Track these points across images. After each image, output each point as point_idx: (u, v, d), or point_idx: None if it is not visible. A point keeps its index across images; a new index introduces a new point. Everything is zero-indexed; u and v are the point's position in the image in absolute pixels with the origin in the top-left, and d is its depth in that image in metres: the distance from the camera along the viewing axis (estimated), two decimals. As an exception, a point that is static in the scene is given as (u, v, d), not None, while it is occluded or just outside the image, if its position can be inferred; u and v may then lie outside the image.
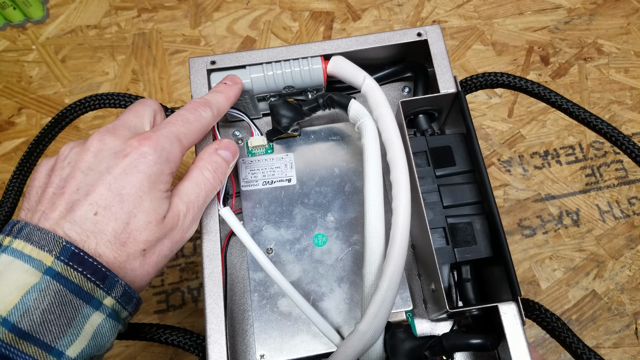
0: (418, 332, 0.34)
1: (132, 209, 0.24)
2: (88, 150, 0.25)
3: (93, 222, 0.23)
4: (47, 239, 0.23)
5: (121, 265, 0.24)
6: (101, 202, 0.24)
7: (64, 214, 0.24)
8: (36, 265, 0.22)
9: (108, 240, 0.24)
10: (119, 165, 0.25)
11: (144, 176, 0.25)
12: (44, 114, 0.83)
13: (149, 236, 0.25)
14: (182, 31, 0.89)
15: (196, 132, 0.28)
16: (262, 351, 0.31)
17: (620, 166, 0.78)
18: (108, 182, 0.24)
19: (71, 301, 0.22)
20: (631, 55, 0.85)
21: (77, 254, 0.22)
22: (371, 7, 0.90)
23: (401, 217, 0.29)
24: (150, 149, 0.25)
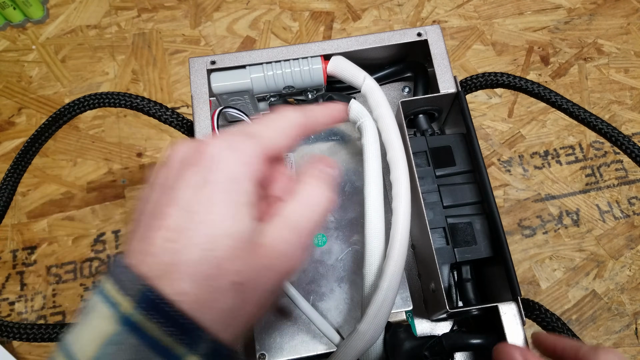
0: (418, 332, 0.34)
1: (210, 231, 0.19)
2: (164, 166, 0.22)
3: (170, 252, 0.19)
4: (129, 278, 0.19)
5: (209, 304, 0.19)
6: (172, 225, 0.20)
7: (143, 244, 0.20)
8: (114, 311, 0.19)
9: (188, 273, 0.19)
10: (185, 178, 0.20)
11: (216, 187, 0.20)
12: (43, 114, 0.83)
13: (239, 265, 0.20)
14: (182, 31, 0.89)
15: (275, 131, 0.23)
16: (262, 351, 0.31)
17: (620, 166, 0.78)
18: (176, 201, 0.20)
19: (151, 357, 0.18)
20: (631, 55, 0.85)
21: (153, 301, 0.19)
22: (371, 7, 0.90)
23: (401, 217, 0.29)
24: (216, 150, 0.21)
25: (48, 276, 0.75)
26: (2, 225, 0.77)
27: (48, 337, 0.35)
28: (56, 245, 0.76)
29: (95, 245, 0.76)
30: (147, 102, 0.38)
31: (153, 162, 0.81)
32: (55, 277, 0.75)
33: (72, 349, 0.19)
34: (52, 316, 0.73)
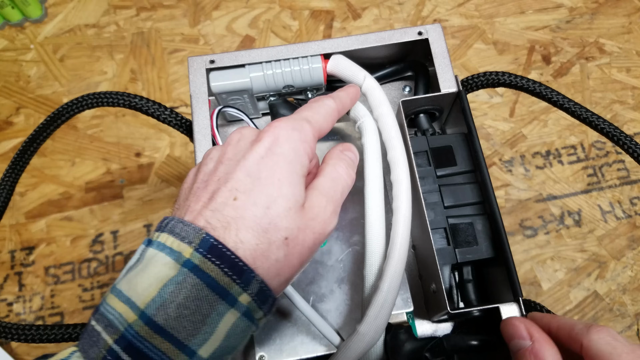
0: (419, 334, 0.34)
1: (271, 192, 0.23)
2: (228, 144, 0.26)
3: (233, 208, 0.23)
4: (188, 231, 0.22)
5: (265, 254, 0.22)
6: (240, 187, 0.23)
7: (206, 203, 0.23)
8: (175, 258, 0.21)
9: (249, 226, 0.22)
10: (254, 150, 0.24)
11: (280, 158, 0.24)
12: (42, 114, 0.82)
13: (290, 223, 0.23)
14: (181, 30, 0.88)
15: (323, 116, 0.27)
16: (261, 352, 0.30)
17: (622, 166, 0.78)
18: (246, 168, 0.24)
19: (207, 296, 0.21)
20: (633, 55, 0.85)
21: (215, 246, 0.21)
22: (371, 5, 0.90)
23: (402, 218, 0.29)
24: (282, 131, 0.25)
25: (46, 277, 0.74)
26: (0, 226, 0.77)
27: (46, 338, 0.35)
28: (54, 246, 0.76)
29: (94, 246, 0.76)
30: (146, 101, 0.38)
31: (151, 162, 0.80)
32: (53, 278, 0.74)
33: (128, 294, 0.21)
34: (50, 317, 0.73)
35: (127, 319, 0.21)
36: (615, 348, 0.23)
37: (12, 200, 0.74)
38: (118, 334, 0.20)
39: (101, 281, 0.75)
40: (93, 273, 0.75)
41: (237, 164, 0.24)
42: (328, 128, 0.28)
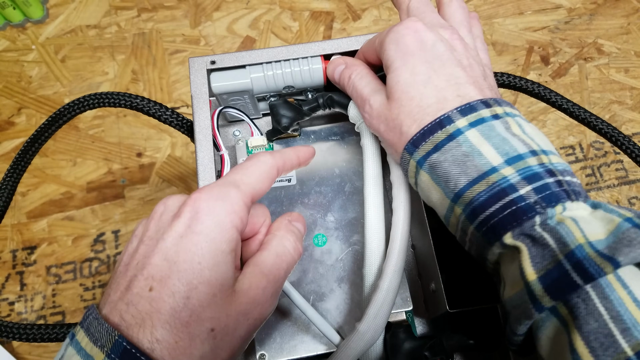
0: (418, 332, 0.34)
1: (191, 279, 0.20)
2: (152, 219, 0.23)
3: (148, 300, 0.20)
4: (101, 331, 0.20)
5: (187, 351, 0.20)
6: (156, 274, 0.20)
7: (122, 293, 0.21)
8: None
9: (166, 320, 0.20)
10: (173, 228, 0.21)
11: (201, 237, 0.21)
12: (43, 114, 0.83)
13: (215, 312, 0.20)
14: (182, 31, 0.89)
15: (255, 177, 0.24)
16: (261, 351, 0.31)
17: (621, 166, 0.78)
18: (163, 251, 0.21)
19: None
20: (631, 55, 0.85)
21: (128, 350, 0.19)
22: (371, 6, 0.90)
23: (401, 217, 0.29)
24: (203, 203, 0.22)
25: (48, 276, 0.75)
26: (2, 225, 0.77)
27: (47, 338, 0.35)
28: (56, 245, 0.76)
29: (95, 245, 0.76)
30: (147, 102, 0.38)
31: (153, 162, 0.81)
32: (55, 277, 0.75)
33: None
34: (51, 316, 0.73)
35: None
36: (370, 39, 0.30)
37: (14, 200, 0.75)
38: None
39: (102, 280, 0.75)
40: (94, 272, 0.75)
41: (156, 246, 0.21)
42: (264, 189, 0.25)
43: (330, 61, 0.33)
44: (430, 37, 0.27)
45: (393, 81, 0.27)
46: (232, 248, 0.22)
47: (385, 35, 0.28)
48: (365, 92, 0.29)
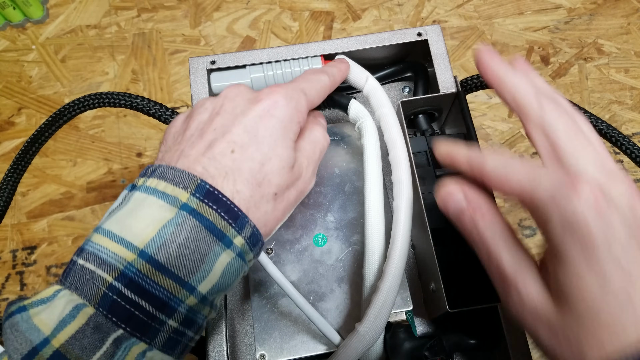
0: (418, 332, 0.34)
1: (267, 151, 0.25)
2: (225, 97, 0.27)
3: (231, 159, 0.24)
4: (181, 177, 0.23)
5: (257, 205, 0.24)
6: (238, 141, 0.24)
7: (203, 151, 0.24)
8: (171, 201, 0.22)
9: (245, 178, 0.24)
10: (253, 109, 0.25)
11: (277, 121, 0.25)
12: (43, 114, 0.83)
13: (281, 181, 0.25)
14: (182, 31, 0.89)
15: (317, 91, 0.29)
16: (262, 351, 0.31)
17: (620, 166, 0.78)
18: (244, 124, 0.25)
19: (205, 238, 0.22)
20: (631, 55, 0.85)
21: (211, 192, 0.23)
22: (371, 7, 0.90)
23: (402, 218, 0.29)
24: (281, 96, 0.26)
25: (48, 276, 0.75)
26: (2, 225, 0.77)
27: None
28: (56, 245, 0.76)
29: (95, 245, 0.76)
30: (147, 102, 0.38)
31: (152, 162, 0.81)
32: (55, 277, 0.75)
33: (121, 235, 0.22)
34: (52, 316, 0.73)
35: (125, 258, 0.21)
36: (511, 165, 0.22)
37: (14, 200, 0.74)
38: (117, 271, 0.21)
39: (102, 281, 0.75)
40: (94, 273, 0.75)
41: (236, 119, 0.25)
42: (319, 102, 0.30)
43: (442, 184, 0.26)
44: (615, 218, 0.19)
45: (569, 284, 0.20)
46: (295, 138, 0.27)
47: (543, 193, 0.21)
48: (508, 268, 0.22)
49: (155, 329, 0.21)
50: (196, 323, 0.23)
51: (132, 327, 0.21)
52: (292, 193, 0.26)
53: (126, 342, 0.21)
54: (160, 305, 0.21)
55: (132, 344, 0.21)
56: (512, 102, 0.25)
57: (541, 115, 0.23)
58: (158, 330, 0.21)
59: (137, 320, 0.21)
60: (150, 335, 0.21)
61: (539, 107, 0.23)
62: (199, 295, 0.22)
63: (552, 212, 0.20)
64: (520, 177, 0.22)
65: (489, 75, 0.26)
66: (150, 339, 0.21)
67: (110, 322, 0.21)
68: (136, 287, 0.21)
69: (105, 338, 0.20)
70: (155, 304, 0.21)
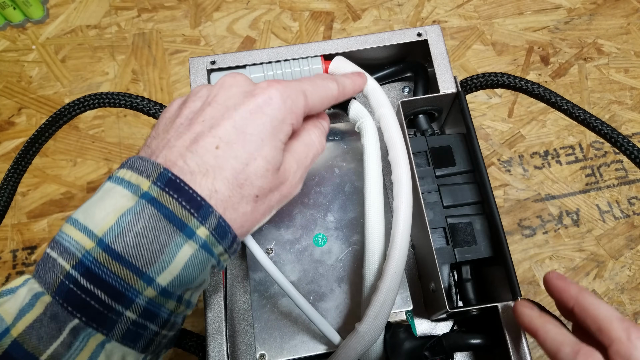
0: (418, 332, 0.34)
1: (253, 150, 0.24)
2: (220, 86, 0.26)
3: (214, 156, 0.23)
4: (146, 166, 0.23)
5: (235, 206, 0.23)
6: (224, 137, 0.24)
7: (188, 144, 0.23)
8: (133, 190, 0.22)
9: (226, 177, 0.23)
10: (245, 104, 0.25)
11: (268, 120, 0.24)
12: (43, 114, 0.83)
13: (264, 183, 0.24)
14: (182, 31, 0.89)
15: (320, 97, 0.28)
16: (262, 351, 0.31)
17: (620, 166, 0.78)
18: (233, 119, 0.24)
19: (164, 227, 0.22)
20: (631, 55, 0.85)
21: (173, 180, 0.22)
22: (371, 7, 0.90)
23: (402, 217, 0.29)
24: (277, 93, 0.25)
25: (48, 276, 0.75)
26: (2, 225, 0.77)
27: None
28: (56, 245, 0.76)
29: (95, 245, 0.76)
30: (147, 102, 0.38)
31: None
32: (55, 277, 0.75)
33: (84, 223, 0.22)
34: (52, 316, 0.73)
35: (84, 246, 0.21)
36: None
37: (14, 200, 0.75)
38: (75, 259, 0.21)
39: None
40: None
41: (226, 112, 0.24)
42: (319, 110, 0.29)
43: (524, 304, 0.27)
44: None
45: None
46: (285, 140, 0.26)
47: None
48: None
49: (112, 320, 0.21)
50: (159, 317, 0.22)
51: (88, 317, 0.21)
52: (274, 196, 0.26)
53: (83, 333, 0.20)
54: (116, 295, 0.21)
55: (90, 335, 0.21)
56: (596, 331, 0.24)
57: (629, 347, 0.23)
58: (115, 322, 0.21)
59: (92, 310, 0.21)
60: (107, 326, 0.21)
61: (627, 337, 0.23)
62: (158, 287, 0.22)
63: None
64: None
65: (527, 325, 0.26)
66: (108, 330, 0.21)
67: (65, 312, 0.20)
68: (92, 276, 0.21)
69: (62, 328, 0.20)
70: (111, 294, 0.21)
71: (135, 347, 0.22)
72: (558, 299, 0.27)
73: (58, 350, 0.20)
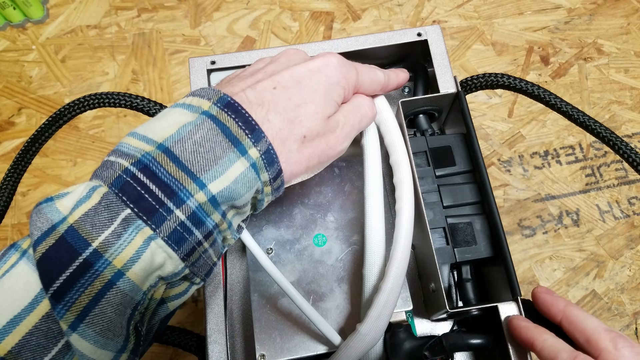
0: (418, 332, 0.34)
1: (306, 96, 0.26)
2: (283, 53, 0.29)
3: (271, 93, 0.25)
4: (207, 91, 0.25)
5: (282, 140, 0.25)
6: (282, 81, 0.26)
7: (249, 85, 0.26)
8: (194, 110, 0.24)
9: (279, 111, 0.25)
10: (306, 64, 0.27)
11: (324, 78, 0.27)
12: (44, 114, 0.83)
13: (312, 124, 0.26)
14: (182, 31, 0.89)
15: (370, 78, 0.30)
16: (262, 351, 0.31)
17: (620, 166, 0.78)
18: (292, 71, 0.27)
19: (221, 141, 0.23)
20: (631, 55, 0.85)
21: (232, 104, 0.24)
22: (371, 7, 0.90)
23: (405, 219, 0.29)
24: (336, 59, 0.28)
25: (48, 276, 0.75)
26: (2, 225, 0.77)
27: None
28: (56, 245, 0.76)
29: (95, 245, 0.76)
30: (147, 102, 0.38)
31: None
32: (55, 277, 0.75)
33: (144, 134, 0.23)
34: (52, 316, 0.73)
35: (143, 149, 0.22)
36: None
37: (14, 200, 0.75)
38: (135, 159, 0.22)
39: (102, 281, 0.75)
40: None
41: (287, 67, 0.27)
42: (368, 91, 0.31)
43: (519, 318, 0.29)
44: None
45: None
46: (337, 101, 0.28)
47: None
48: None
49: (162, 216, 0.22)
50: (205, 225, 0.23)
51: (140, 209, 0.21)
52: (321, 142, 0.27)
53: (133, 225, 0.21)
54: (170, 192, 0.22)
55: (139, 228, 0.21)
56: (585, 342, 0.25)
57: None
58: (165, 218, 0.22)
59: (145, 203, 0.21)
60: (156, 221, 0.22)
61: (614, 347, 0.24)
62: (209, 193, 0.23)
63: None
64: None
65: (523, 337, 0.27)
66: (157, 225, 0.22)
67: (120, 201, 0.21)
68: (149, 172, 0.22)
69: (115, 217, 0.21)
70: (164, 191, 0.22)
71: (178, 251, 0.22)
72: (546, 313, 0.28)
73: (109, 239, 0.21)
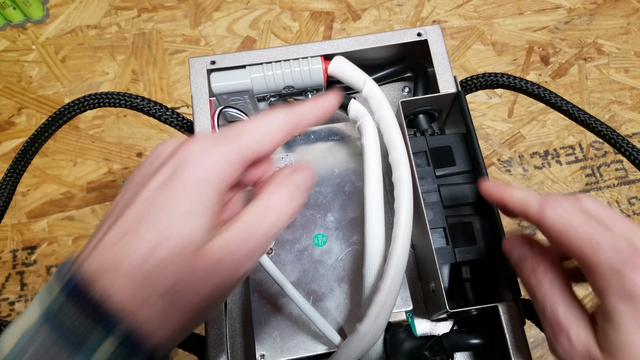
0: (418, 332, 0.34)
1: (163, 227, 0.19)
2: (144, 163, 0.21)
3: (119, 248, 0.19)
4: (64, 269, 0.19)
5: (144, 304, 0.19)
6: (134, 218, 0.19)
7: (100, 238, 0.20)
8: (42, 303, 0.19)
9: (129, 272, 0.18)
10: (158, 174, 0.20)
11: (185, 184, 0.19)
12: (43, 114, 0.83)
13: (178, 268, 0.19)
14: (182, 31, 0.89)
15: (261, 134, 0.22)
16: (262, 351, 0.31)
17: (620, 166, 0.78)
18: (145, 196, 0.19)
19: (59, 350, 0.18)
20: (631, 55, 0.85)
21: (76, 287, 0.18)
22: (371, 7, 0.90)
23: (403, 218, 0.29)
24: (197, 148, 0.20)
25: (48, 276, 0.75)
26: (2, 225, 0.77)
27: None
28: (56, 245, 0.76)
29: (95, 245, 0.76)
30: (147, 102, 0.38)
31: (153, 162, 0.81)
32: (55, 277, 0.75)
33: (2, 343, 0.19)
34: (52, 316, 0.73)
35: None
36: (570, 223, 0.23)
37: (14, 200, 0.75)
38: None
39: (102, 281, 0.75)
40: (94, 273, 0.75)
41: (141, 190, 0.20)
42: (270, 147, 0.22)
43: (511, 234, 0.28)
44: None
45: (618, 342, 0.21)
46: (217, 200, 0.20)
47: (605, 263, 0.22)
48: (561, 317, 0.24)
49: None
50: None
51: None
52: (203, 284, 0.19)
53: None
54: None
55: None
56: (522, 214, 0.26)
57: None
58: None
59: None
60: None
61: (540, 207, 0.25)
62: None
63: (610, 281, 0.21)
64: (580, 240, 0.23)
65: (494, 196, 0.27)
66: None
67: None
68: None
69: None
70: None
71: None
72: (496, 203, 0.28)
73: None
